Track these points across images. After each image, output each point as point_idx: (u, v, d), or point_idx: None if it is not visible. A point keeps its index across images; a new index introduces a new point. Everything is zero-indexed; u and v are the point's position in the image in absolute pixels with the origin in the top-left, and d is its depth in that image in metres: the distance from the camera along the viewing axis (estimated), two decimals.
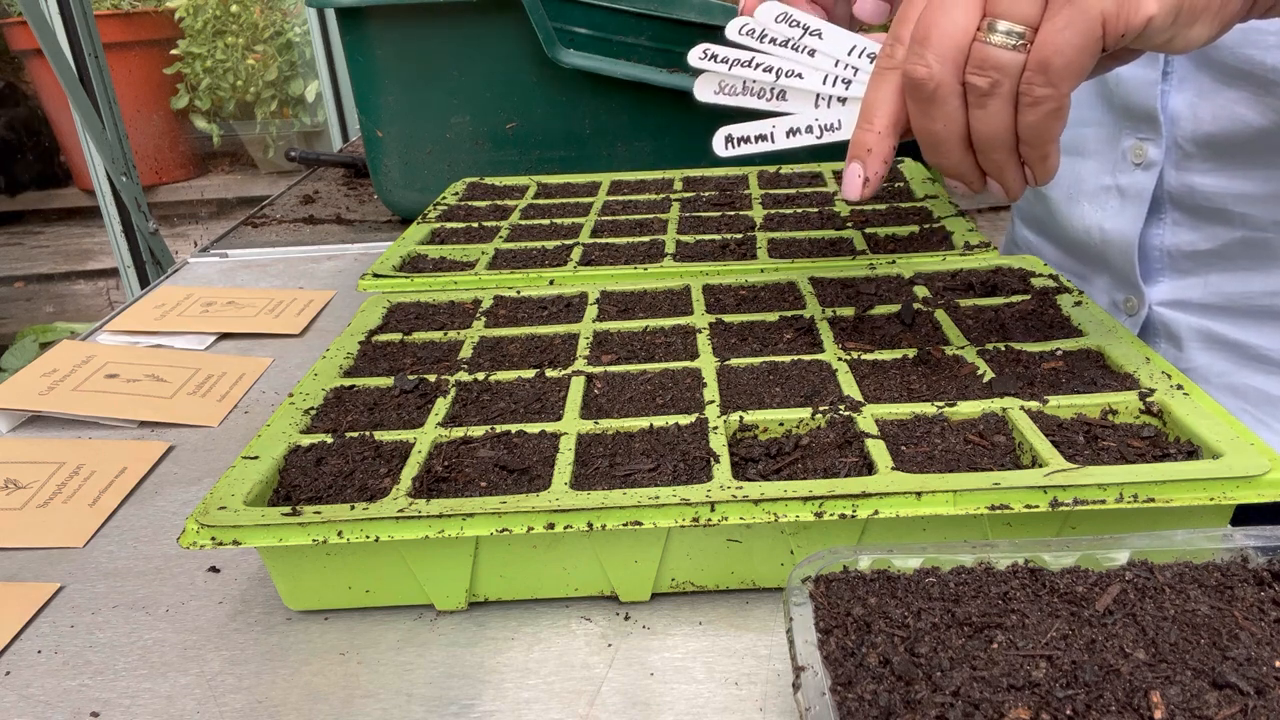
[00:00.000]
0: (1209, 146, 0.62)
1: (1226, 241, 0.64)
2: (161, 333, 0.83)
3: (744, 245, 0.77)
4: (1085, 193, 0.71)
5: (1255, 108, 0.58)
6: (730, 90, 0.53)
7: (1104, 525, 0.44)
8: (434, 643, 0.45)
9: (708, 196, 0.93)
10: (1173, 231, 0.66)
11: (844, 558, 0.39)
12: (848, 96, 0.50)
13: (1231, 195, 0.62)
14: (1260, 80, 0.57)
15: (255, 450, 0.50)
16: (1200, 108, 0.61)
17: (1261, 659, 0.34)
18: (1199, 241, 0.65)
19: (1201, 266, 0.66)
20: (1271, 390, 0.64)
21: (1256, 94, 0.58)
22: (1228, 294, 0.65)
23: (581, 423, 0.51)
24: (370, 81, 1.03)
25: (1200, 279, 0.66)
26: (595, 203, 0.93)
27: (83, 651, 0.46)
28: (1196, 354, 0.67)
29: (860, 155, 0.47)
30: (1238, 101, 0.59)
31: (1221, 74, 0.59)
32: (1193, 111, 0.62)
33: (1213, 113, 0.60)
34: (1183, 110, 0.62)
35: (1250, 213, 0.62)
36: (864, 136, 0.47)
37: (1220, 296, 0.65)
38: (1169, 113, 0.63)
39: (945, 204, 0.84)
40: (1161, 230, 0.67)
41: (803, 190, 0.93)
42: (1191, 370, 0.67)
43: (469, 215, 0.92)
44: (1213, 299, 0.66)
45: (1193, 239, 0.65)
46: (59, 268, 3.13)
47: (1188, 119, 0.62)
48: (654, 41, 1.02)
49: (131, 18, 3.11)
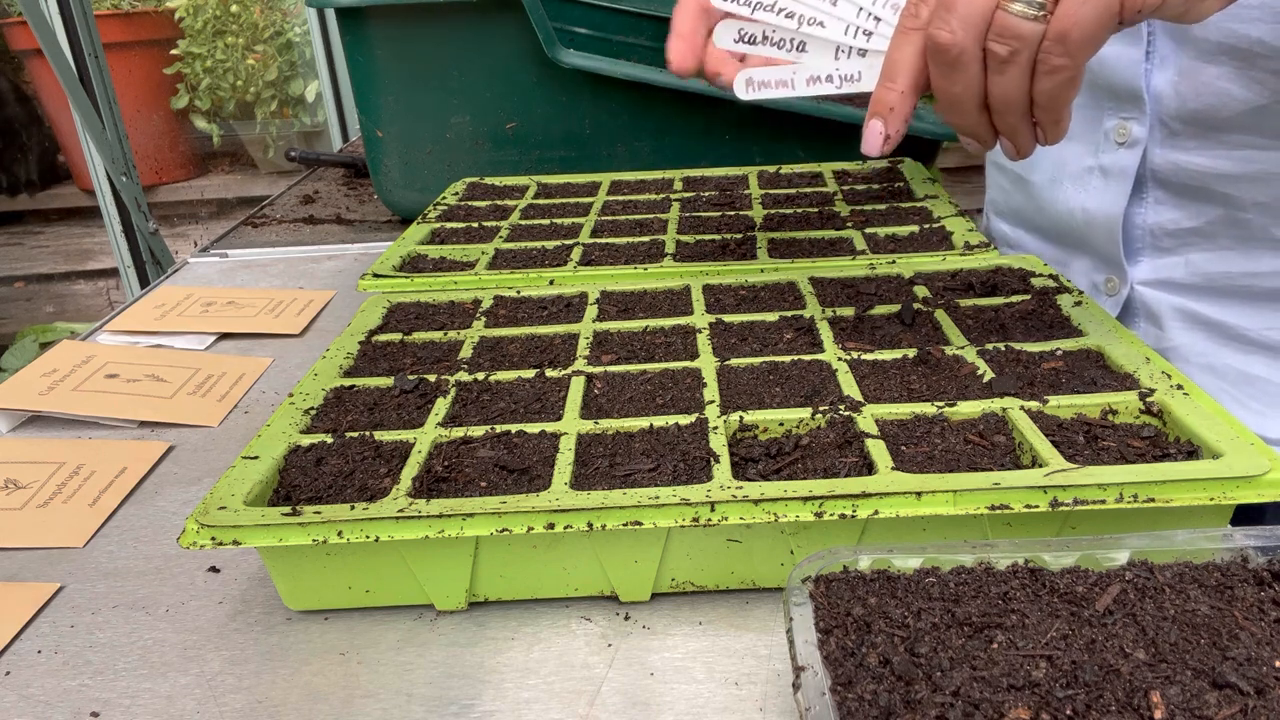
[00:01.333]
0: (1194, 123, 0.62)
1: (1209, 220, 0.64)
2: (161, 333, 0.83)
3: (744, 245, 0.77)
4: (1068, 175, 0.72)
5: (1239, 81, 0.59)
6: (750, 39, 0.53)
7: (1104, 525, 0.44)
8: (434, 643, 0.45)
9: (708, 196, 0.93)
10: (1155, 210, 0.67)
11: (844, 558, 0.39)
12: (868, 49, 0.51)
13: (1215, 174, 0.62)
14: (1244, 54, 0.58)
15: (255, 450, 0.50)
16: (1183, 85, 0.62)
17: (1261, 659, 0.34)
18: (1181, 219, 0.66)
19: (1183, 245, 0.67)
20: (1249, 370, 0.65)
21: (1240, 68, 0.58)
22: (1208, 274, 0.66)
23: (581, 423, 0.51)
24: (370, 81, 1.03)
25: (1181, 258, 0.67)
26: (595, 203, 0.93)
27: (83, 651, 0.46)
28: (1177, 333, 0.68)
29: (882, 113, 0.49)
30: (1221, 77, 0.59)
31: (1204, 50, 0.60)
32: (1175, 89, 0.62)
33: (1196, 89, 0.61)
34: (1166, 88, 0.63)
35: (1232, 192, 0.63)
36: (886, 95, 0.48)
37: (1201, 276, 0.66)
38: (1153, 91, 0.64)
39: (945, 204, 0.84)
40: (1144, 209, 0.68)
41: (803, 190, 0.93)
42: (1171, 350, 0.68)
43: (469, 215, 0.92)
44: (1193, 279, 0.67)
45: (1175, 217, 0.66)
46: (59, 268, 3.12)
47: (1171, 96, 0.63)
48: (654, 41, 1.02)
49: (131, 18, 3.10)
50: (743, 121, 1.03)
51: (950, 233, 0.77)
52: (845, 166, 0.99)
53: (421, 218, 0.90)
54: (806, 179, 0.98)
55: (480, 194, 0.99)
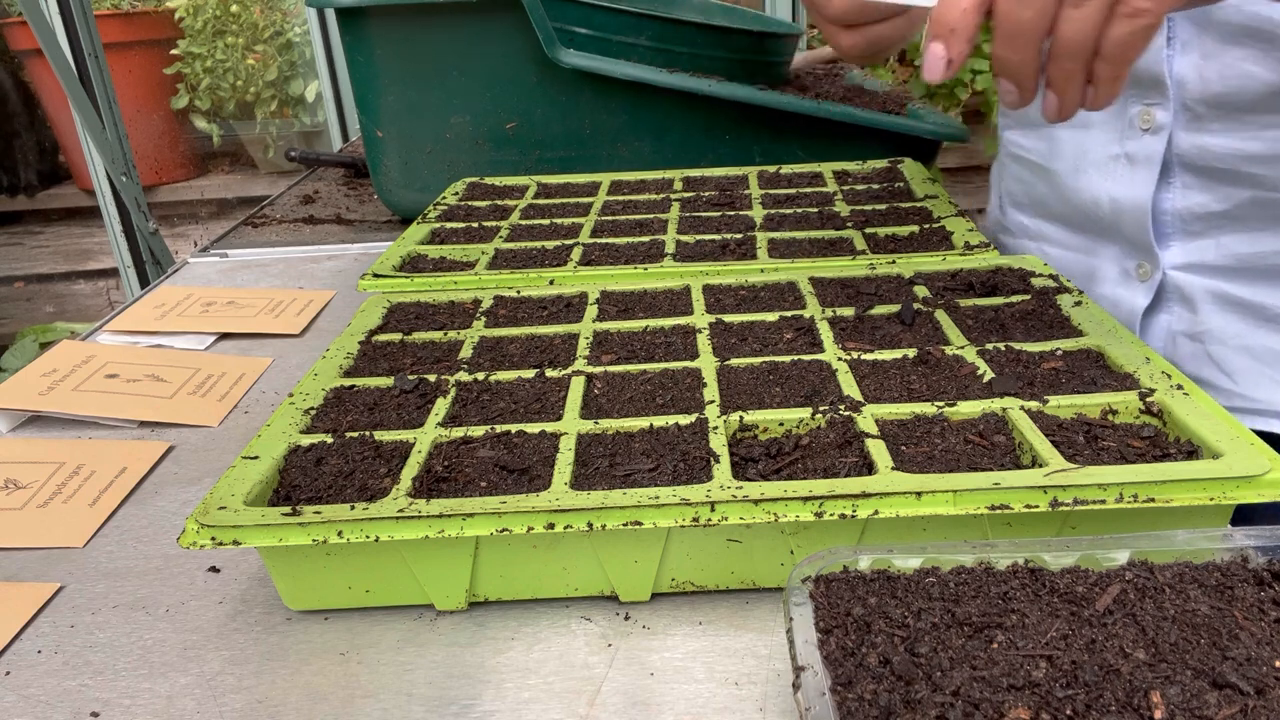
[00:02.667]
0: (1219, 106, 0.62)
1: (1238, 202, 0.64)
2: (161, 333, 0.83)
3: (744, 245, 0.77)
4: (1092, 164, 0.71)
5: (1262, 63, 0.59)
6: None
7: (1104, 525, 0.44)
8: (434, 643, 0.45)
9: (708, 196, 0.93)
10: (1183, 194, 0.67)
11: (844, 558, 0.39)
12: None
13: (1242, 156, 0.62)
14: (1267, 35, 0.58)
15: (255, 450, 0.50)
16: (1207, 69, 0.61)
17: (1261, 659, 0.34)
18: (1210, 203, 0.66)
19: (1213, 228, 0.66)
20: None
21: (1264, 50, 0.58)
22: (1240, 255, 0.65)
23: (581, 423, 0.51)
24: (370, 81, 1.03)
25: (1212, 240, 0.67)
26: (595, 203, 0.93)
27: (83, 651, 0.46)
28: (1211, 316, 0.67)
29: (943, 35, 0.45)
30: (1244, 59, 0.59)
31: (1226, 33, 0.60)
32: (1199, 73, 0.62)
33: (1220, 72, 0.61)
34: (1189, 73, 0.63)
35: (1260, 173, 0.62)
36: (948, 14, 0.44)
37: (1233, 258, 0.66)
38: (1175, 76, 0.63)
39: (945, 204, 0.84)
40: (1171, 194, 0.67)
41: (803, 190, 0.93)
42: (1207, 333, 0.67)
43: (469, 215, 0.92)
44: (1226, 260, 0.66)
45: (1204, 200, 0.66)
46: (59, 268, 3.12)
47: (1195, 81, 0.62)
48: (654, 41, 1.02)
49: (131, 18, 3.10)
50: (742, 121, 1.03)
51: (950, 233, 0.77)
52: (845, 166, 0.99)
53: (421, 218, 0.90)
54: (806, 179, 0.98)
55: (480, 194, 0.99)
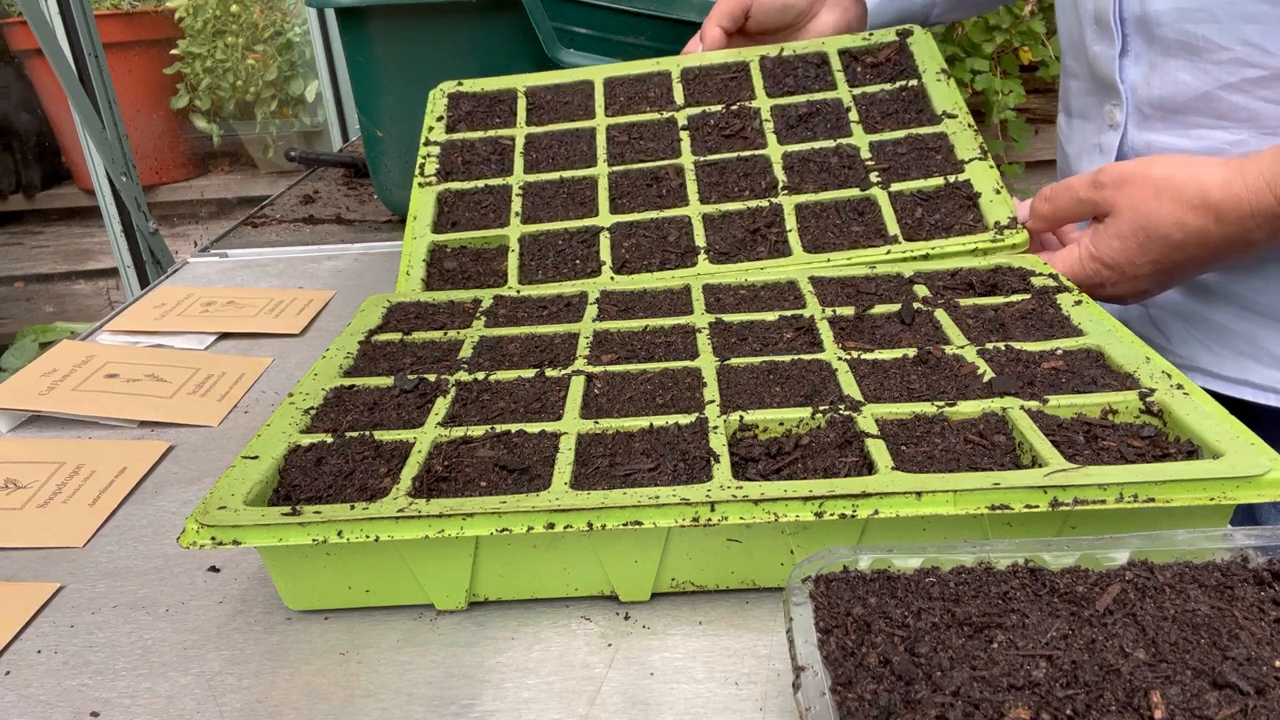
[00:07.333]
0: (1160, 108, 0.73)
1: None
2: (161, 333, 0.83)
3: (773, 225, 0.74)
4: (1085, 150, 0.83)
5: (1192, 73, 0.70)
6: None
7: (1104, 525, 0.44)
8: (434, 642, 0.45)
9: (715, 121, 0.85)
10: None
11: (844, 558, 0.39)
12: None
13: (1177, 150, 0.73)
14: (1194, 49, 0.69)
15: (255, 450, 0.50)
16: (1152, 76, 0.73)
17: (1261, 659, 0.34)
18: None
19: None
20: (1222, 320, 0.74)
21: (1192, 60, 0.70)
22: None
23: (581, 422, 0.51)
24: (370, 81, 1.03)
25: None
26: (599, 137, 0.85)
27: (83, 651, 0.46)
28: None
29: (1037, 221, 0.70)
30: (1179, 69, 0.71)
31: (1166, 47, 0.71)
32: (1146, 79, 0.74)
33: (1161, 79, 0.73)
34: (1138, 80, 0.74)
35: None
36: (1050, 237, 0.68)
37: None
38: (1128, 83, 0.75)
39: (965, 128, 0.80)
40: None
41: (813, 98, 0.85)
42: (1152, 300, 0.76)
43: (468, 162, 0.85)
44: None
45: None
46: (59, 268, 3.12)
47: (1143, 86, 0.74)
48: (654, 41, 1.02)
49: (131, 18, 3.10)
50: None
51: (978, 194, 0.74)
52: (850, 46, 0.90)
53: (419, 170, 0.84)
54: (813, 72, 0.88)
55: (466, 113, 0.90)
